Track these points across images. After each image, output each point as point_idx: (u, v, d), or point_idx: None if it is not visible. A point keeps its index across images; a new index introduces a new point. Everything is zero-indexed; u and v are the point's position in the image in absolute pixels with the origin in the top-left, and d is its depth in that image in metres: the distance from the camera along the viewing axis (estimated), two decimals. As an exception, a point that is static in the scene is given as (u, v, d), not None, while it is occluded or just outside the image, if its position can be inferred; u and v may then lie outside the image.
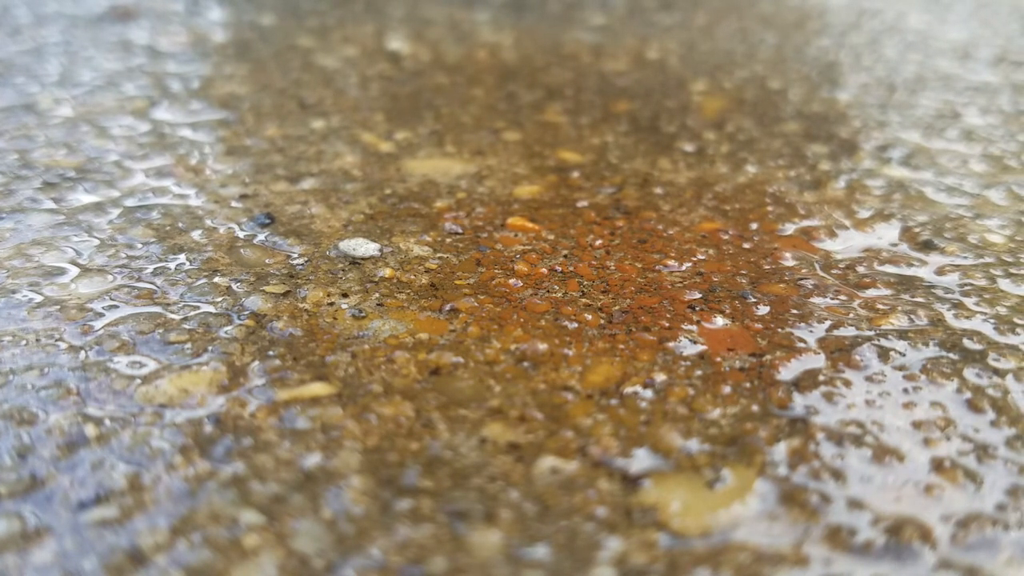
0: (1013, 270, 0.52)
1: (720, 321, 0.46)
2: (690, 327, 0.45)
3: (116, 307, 0.45)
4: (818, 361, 0.42)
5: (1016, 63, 1.03)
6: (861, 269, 0.52)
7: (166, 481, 0.33)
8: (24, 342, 0.42)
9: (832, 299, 0.48)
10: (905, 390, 0.40)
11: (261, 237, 0.54)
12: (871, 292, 0.49)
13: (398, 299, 0.47)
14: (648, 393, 0.39)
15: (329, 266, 0.50)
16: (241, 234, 0.54)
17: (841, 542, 0.32)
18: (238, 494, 0.33)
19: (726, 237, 0.56)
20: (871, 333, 0.45)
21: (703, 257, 0.53)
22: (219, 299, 0.46)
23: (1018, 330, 0.45)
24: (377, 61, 0.96)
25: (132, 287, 0.47)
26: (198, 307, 0.45)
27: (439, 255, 0.52)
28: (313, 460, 0.35)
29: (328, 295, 0.47)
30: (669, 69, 0.97)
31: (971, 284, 0.50)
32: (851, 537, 0.32)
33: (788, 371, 0.41)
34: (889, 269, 0.52)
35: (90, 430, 0.36)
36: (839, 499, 0.34)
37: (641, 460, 0.35)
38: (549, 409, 0.38)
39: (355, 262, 0.51)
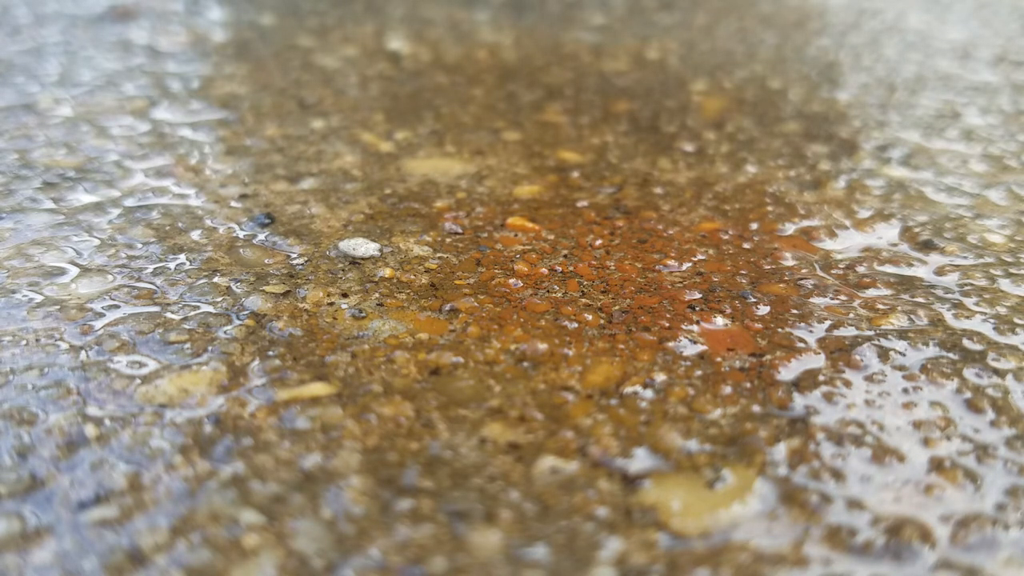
0: (1013, 270, 0.52)
1: (720, 321, 0.46)
2: (690, 327, 0.45)
3: (116, 307, 0.45)
4: (818, 361, 0.42)
5: (1016, 63, 1.03)
6: (861, 269, 0.52)
7: (166, 481, 0.33)
8: (24, 342, 0.42)
9: (832, 299, 0.48)
10: (905, 390, 0.40)
11: (261, 237, 0.54)
12: (871, 292, 0.49)
13: (398, 299, 0.47)
14: (648, 393, 0.39)
15: (329, 266, 0.50)
16: (241, 234, 0.54)
17: (841, 542, 0.32)
18: (238, 494, 0.33)
19: (726, 237, 0.56)
20: (871, 333, 0.45)
21: (703, 257, 0.53)
22: (219, 299, 0.46)
23: (1018, 330, 0.45)
24: (377, 61, 0.96)
25: (132, 287, 0.47)
26: (198, 307, 0.45)
27: (439, 255, 0.52)
28: (313, 460, 0.35)
29: (328, 295, 0.47)
30: (669, 69, 0.97)
31: (971, 284, 0.50)
32: (851, 537, 0.32)
33: (788, 371, 0.41)
34: (889, 269, 0.52)
35: (90, 430, 0.36)
36: (839, 499, 0.34)
37: (641, 460, 0.35)
38: (549, 409, 0.38)
39: (355, 262, 0.51)
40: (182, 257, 0.51)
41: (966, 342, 0.44)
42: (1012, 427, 0.38)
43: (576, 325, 0.45)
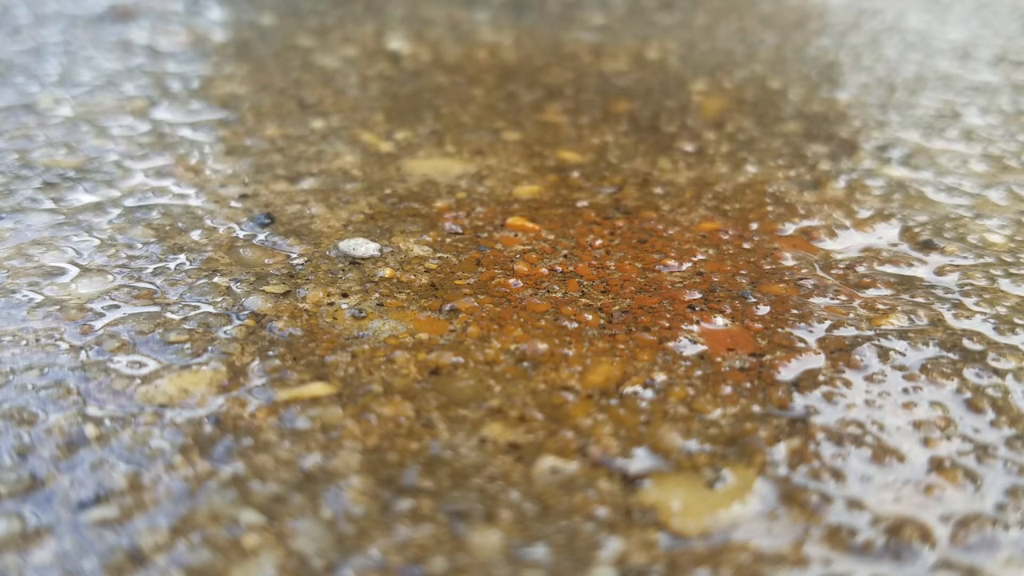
0: (1013, 270, 0.52)
1: (720, 321, 0.46)
2: (690, 327, 0.45)
3: (116, 307, 0.45)
4: (818, 361, 0.42)
5: (1016, 63, 1.03)
6: (861, 269, 0.52)
7: (166, 481, 0.33)
8: (24, 342, 0.42)
9: (832, 299, 0.48)
10: (905, 390, 0.40)
11: (261, 237, 0.54)
12: (871, 292, 0.49)
13: (398, 299, 0.47)
14: (648, 393, 0.39)
15: (329, 266, 0.50)
16: (241, 234, 0.54)
17: (841, 542, 0.32)
18: (238, 494, 0.33)
19: (726, 237, 0.56)
20: (871, 333, 0.45)
21: (703, 257, 0.53)
22: (219, 299, 0.46)
23: (1018, 330, 0.45)
24: (377, 61, 0.96)
25: (132, 287, 0.47)
26: (198, 307, 0.45)
27: (439, 255, 0.52)
28: (313, 460, 0.35)
29: (328, 295, 0.47)
30: (669, 69, 0.97)
31: (971, 284, 0.50)
32: (851, 537, 0.32)
33: (788, 371, 0.41)
34: (889, 269, 0.52)
35: (90, 430, 0.36)
36: (839, 499, 0.34)
37: (641, 460, 0.35)
38: (549, 409, 0.38)
39: (355, 262, 0.51)
40: (182, 257, 0.51)
41: (966, 342, 0.44)
42: (1012, 427, 0.38)
43: (576, 325, 0.45)
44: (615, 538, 0.31)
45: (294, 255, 0.51)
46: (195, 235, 0.53)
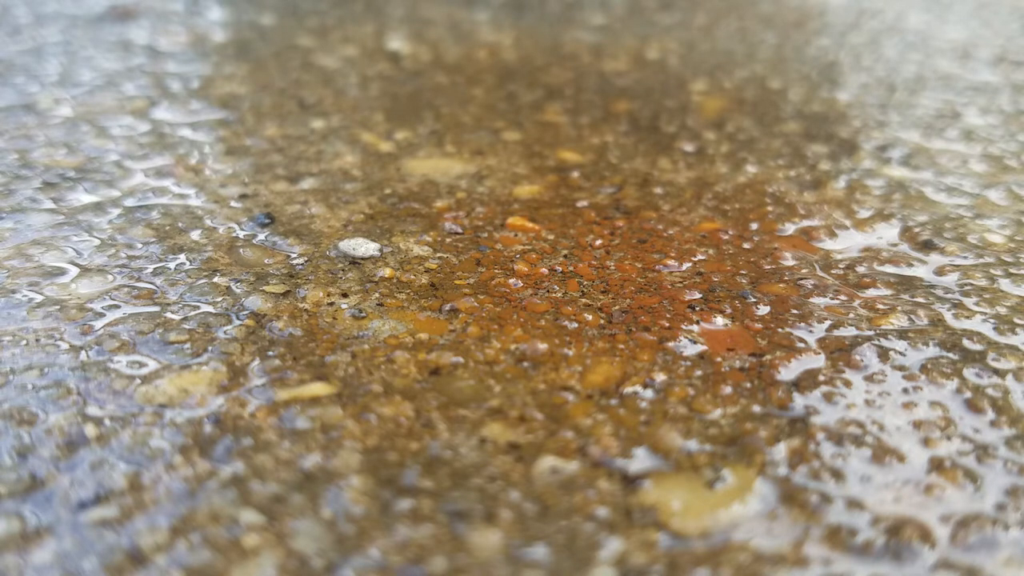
0: (1013, 270, 0.52)
1: (720, 321, 0.46)
2: (690, 327, 0.45)
3: (116, 307, 0.45)
4: (818, 361, 0.42)
5: (1016, 63, 1.03)
6: (861, 269, 0.52)
7: (166, 481, 0.33)
8: (24, 342, 0.42)
9: (832, 299, 0.48)
10: (905, 390, 0.40)
11: (261, 237, 0.54)
12: (871, 292, 0.49)
13: (398, 299, 0.47)
14: (648, 393, 0.39)
15: (329, 266, 0.50)
16: (241, 234, 0.54)
17: (841, 542, 0.32)
18: (238, 494, 0.33)
19: (726, 237, 0.56)
20: (871, 333, 0.45)
21: (703, 257, 0.53)
22: (219, 299, 0.46)
23: (1018, 330, 0.45)
24: (377, 61, 0.96)
25: (132, 287, 0.47)
26: (198, 307, 0.45)
27: (439, 255, 0.52)
28: (313, 460, 0.35)
29: (328, 295, 0.47)
30: (669, 69, 0.97)
31: (971, 284, 0.50)
32: (851, 537, 0.32)
33: (788, 371, 0.41)
34: (889, 269, 0.52)
35: (90, 430, 0.36)
36: (839, 499, 0.34)
37: (641, 460, 0.35)
38: (549, 409, 0.38)
39: (355, 262, 0.51)
40: (182, 257, 0.51)
41: (966, 342, 0.44)
42: (1012, 427, 0.38)
43: (576, 325, 0.45)
44: (615, 538, 0.31)
45: (294, 255, 0.51)
46: (195, 235, 0.53)
